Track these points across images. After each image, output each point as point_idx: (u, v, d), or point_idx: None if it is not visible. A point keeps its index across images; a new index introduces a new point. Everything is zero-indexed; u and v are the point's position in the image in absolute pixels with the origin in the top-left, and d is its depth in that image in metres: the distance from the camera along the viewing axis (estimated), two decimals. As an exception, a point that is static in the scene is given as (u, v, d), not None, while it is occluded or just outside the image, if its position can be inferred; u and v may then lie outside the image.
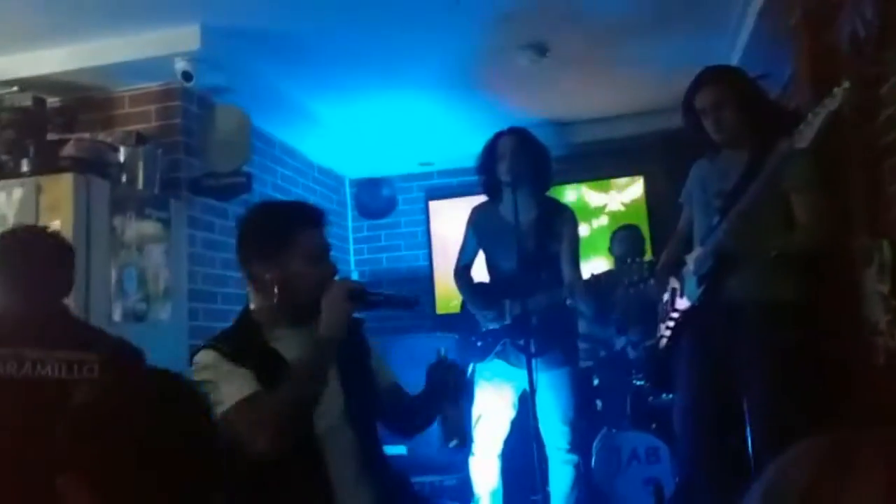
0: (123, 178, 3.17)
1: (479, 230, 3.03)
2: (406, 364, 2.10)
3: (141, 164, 3.23)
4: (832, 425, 2.12)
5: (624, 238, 3.96)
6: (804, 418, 2.23)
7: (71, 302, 2.67)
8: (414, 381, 1.86)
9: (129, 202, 3.07)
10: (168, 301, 3.20)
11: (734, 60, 3.37)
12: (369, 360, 1.85)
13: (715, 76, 2.51)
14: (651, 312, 2.93)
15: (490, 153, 2.92)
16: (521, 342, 2.73)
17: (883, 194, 2.28)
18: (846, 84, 1.92)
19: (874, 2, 2.02)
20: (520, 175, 2.80)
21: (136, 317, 3.05)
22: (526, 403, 2.83)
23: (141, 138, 3.34)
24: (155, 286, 3.14)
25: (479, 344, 2.98)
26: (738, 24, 3.20)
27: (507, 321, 2.87)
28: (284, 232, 1.73)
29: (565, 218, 2.97)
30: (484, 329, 2.96)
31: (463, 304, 3.11)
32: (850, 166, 2.37)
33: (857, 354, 2.31)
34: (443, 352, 1.85)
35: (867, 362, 2.25)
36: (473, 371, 3.01)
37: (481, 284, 3.06)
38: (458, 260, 3.12)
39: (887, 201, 2.26)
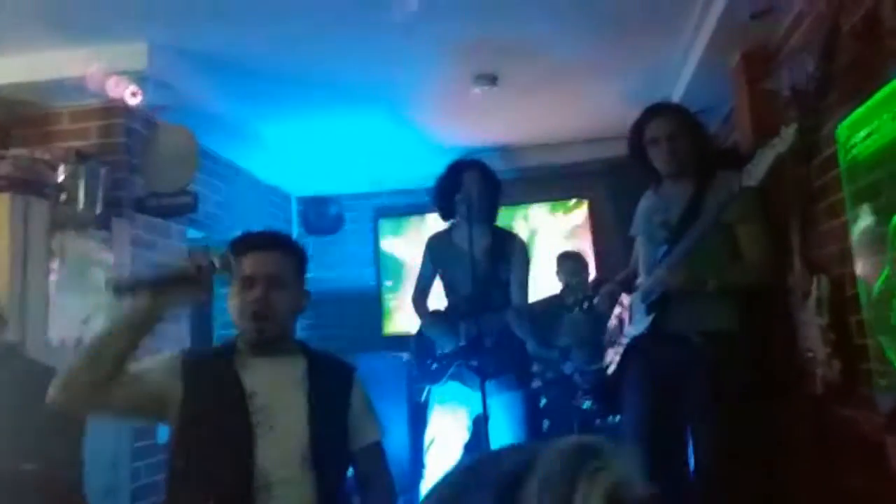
0: (62, 197, 3.05)
1: (436, 258, 3.10)
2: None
3: (82, 183, 3.11)
4: (773, 451, 2.23)
5: (568, 263, 4.06)
6: (746, 445, 2.33)
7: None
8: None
9: (69, 222, 2.96)
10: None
11: (677, 94, 3.52)
12: (347, 409, 1.79)
13: (668, 108, 2.64)
14: (597, 337, 3.01)
15: (450, 182, 2.98)
16: (476, 364, 2.78)
17: (818, 232, 2.42)
18: (794, 127, 2.02)
19: (816, 56, 2.15)
20: (477, 206, 2.87)
21: (75, 341, 2.93)
22: (479, 426, 2.86)
23: (81, 155, 3.22)
24: (96, 311, 3.03)
25: (433, 367, 3.00)
26: (682, 62, 3.35)
27: (462, 342, 2.91)
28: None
29: (515, 246, 3.05)
30: (438, 352, 2.99)
31: (420, 329, 3.13)
32: (788, 204, 2.50)
33: (797, 384, 2.43)
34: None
35: (806, 392, 2.37)
36: (429, 393, 3.04)
37: (437, 310, 3.10)
38: (416, 286, 3.17)
39: (821, 239, 2.40)
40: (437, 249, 3.09)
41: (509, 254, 3.00)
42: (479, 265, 2.86)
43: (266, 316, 1.70)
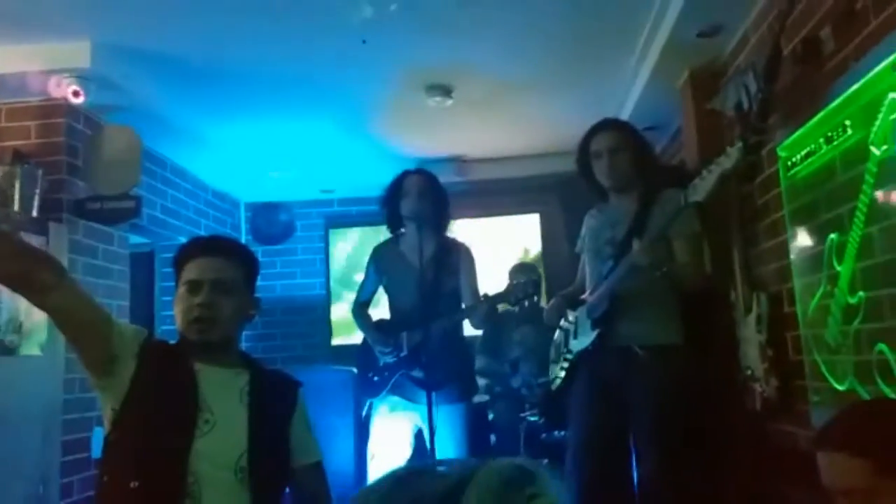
0: (-4, 199, 2.93)
1: (381, 267, 3.05)
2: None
3: (17, 184, 3.00)
4: (713, 464, 2.25)
5: (520, 276, 4.06)
6: (687, 458, 2.35)
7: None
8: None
9: (2, 225, 2.84)
10: (43, 333, 2.96)
11: (627, 111, 3.57)
12: (289, 425, 1.75)
13: (612, 123, 2.67)
14: (546, 350, 3.01)
15: (397, 189, 2.96)
16: (418, 374, 2.75)
17: (759, 249, 2.47)
18: (739, 145, 2.06)
19: (759, 77, 2.20)
20: (423, 214, 2.86)
21: (7, 350, 2.81)
22: (421, 439, 2.83)
23: (18, 155, 3.10)
24: (28, 316, 2.91)
25: (375, 379, 2.96)
26: (632, 79, 3.40)
27: (405, 353, 2.88)
28: (177, 263, 1.75)
29: (461, 253, 3.03)
30: (381, 363, 2.95)
31: (364, 340, 3.08)
32: (731, 222, 2.54)
33: (737, 400, 2.47)
34: None
35: (745, 407, 2.41)
36: (370, 407, 2.98)
37: (381, 320, 3.06)
38: (358, 296, 3.12)
39: (763, 256, 2.45)
40: (382, 259, 3.06)
41: (456, 262, 2.99)
42: (425, 274, 2.84)
43: (210, 320, 1.66)
